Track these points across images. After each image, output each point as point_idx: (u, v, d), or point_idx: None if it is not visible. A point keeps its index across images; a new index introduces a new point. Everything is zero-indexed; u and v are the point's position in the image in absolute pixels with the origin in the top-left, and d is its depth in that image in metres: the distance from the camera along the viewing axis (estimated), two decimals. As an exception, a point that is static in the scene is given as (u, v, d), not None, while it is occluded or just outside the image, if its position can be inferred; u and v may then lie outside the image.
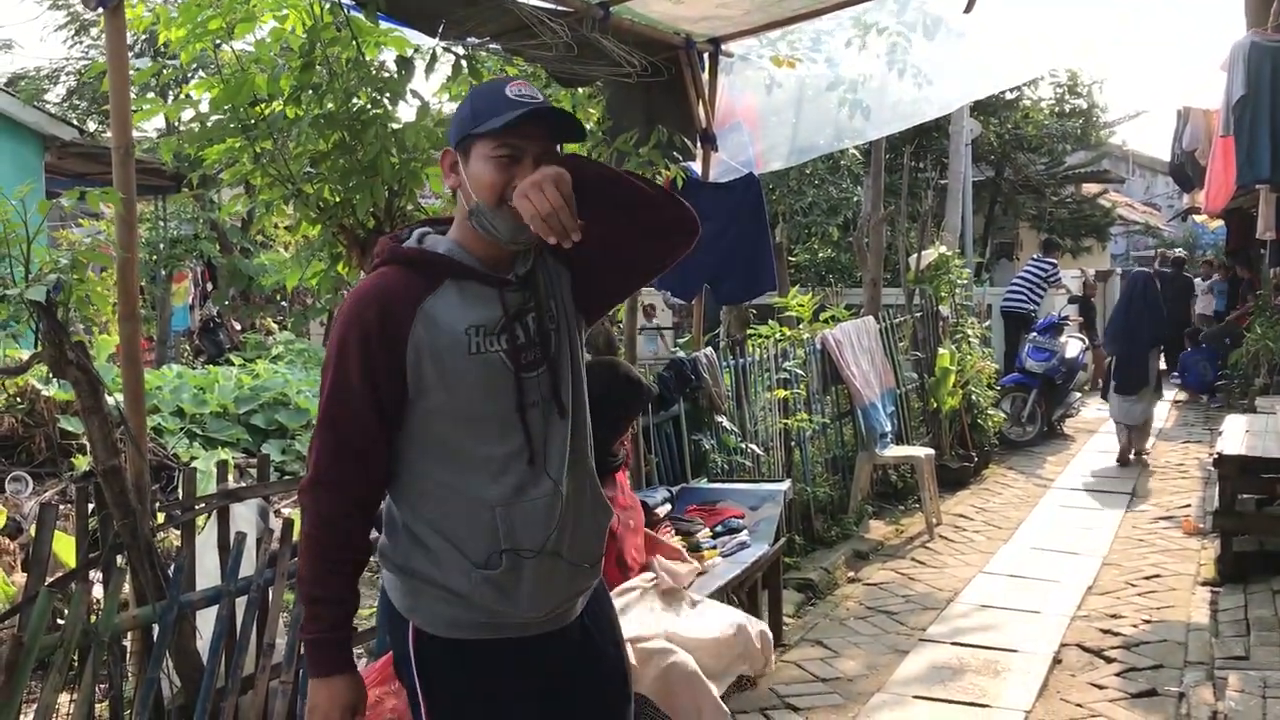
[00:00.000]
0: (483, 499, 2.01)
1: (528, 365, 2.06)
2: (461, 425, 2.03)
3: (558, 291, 2.17)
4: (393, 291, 1.99)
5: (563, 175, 1.92)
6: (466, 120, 2.03)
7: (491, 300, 2.05)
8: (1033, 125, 18.59)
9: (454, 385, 2.00)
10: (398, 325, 1.97)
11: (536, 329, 2.09)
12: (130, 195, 2.69)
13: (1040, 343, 10.98)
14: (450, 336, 1.99)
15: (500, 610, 2.03)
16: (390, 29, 4.13)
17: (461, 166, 2.04)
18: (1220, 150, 8.19)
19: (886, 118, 5.92)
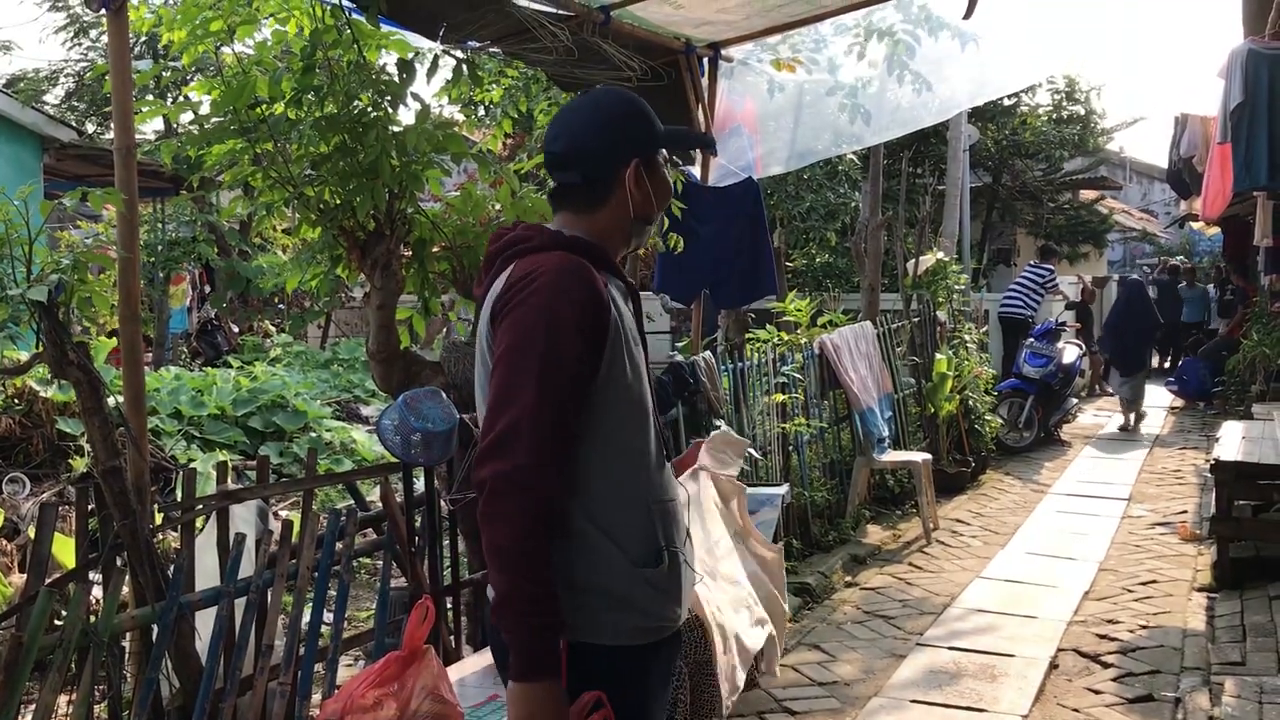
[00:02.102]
0: (638, 495, 1.98)
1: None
2: (628, 415, 1.98)
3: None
4: (593, 275, 1.94)
5: None
6: (652, 128, 2.07)
7: (624, 294, 2.06)
8: (1030, 131, 18.62)
9: (634, 371, 1.98)
10: (603, 306, 1.92)
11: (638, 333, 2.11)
12: (132, 196, 2.70)
13: (1037, 348, 11.01)
14: (628, 323, 2.00)
15: (660, 612, 1.98)
16: (391, 32, 4.14)
17: (645, 175, 2.05)
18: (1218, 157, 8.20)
19: (885, 123, 5.93)
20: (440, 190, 4.28)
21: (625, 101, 2.10)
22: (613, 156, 2.04)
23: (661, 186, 2.10)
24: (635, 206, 2.05)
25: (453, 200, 4.29)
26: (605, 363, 1.91)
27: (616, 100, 2.11)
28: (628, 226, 2.07)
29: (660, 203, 2.09)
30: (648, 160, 2.07)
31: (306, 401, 8.66)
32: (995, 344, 12.47)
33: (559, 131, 2.08)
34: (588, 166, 2.03)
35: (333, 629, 3.39)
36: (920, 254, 9.92)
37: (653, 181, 2.07)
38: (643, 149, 2.06)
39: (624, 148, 2.05)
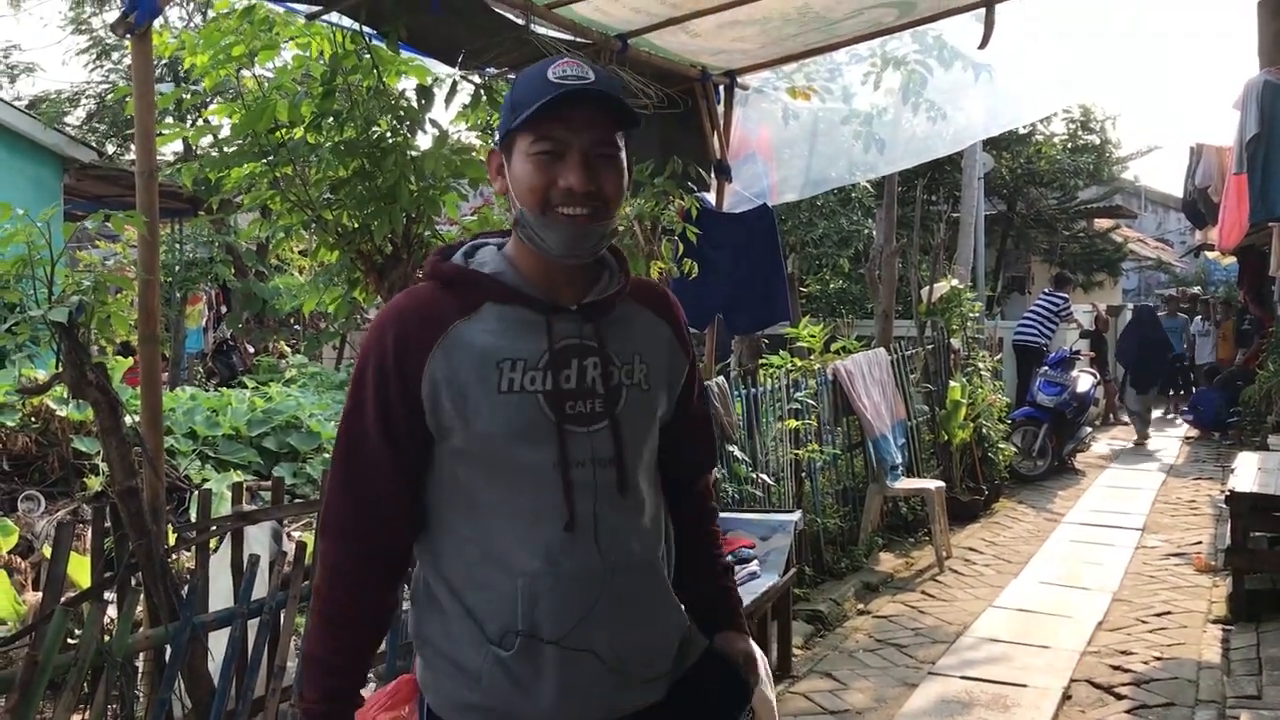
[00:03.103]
0: (508, 563, 1.68)
1: (577, 417, 1.70)
2: (487, 473, 1.69)
3: (646, 344, 1.81)
4: (417, 314, 1.69)
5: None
6: (506, 113, 1.70)
7: (537, 330, 1.70)
8: (1045, 160, 18.64)
9: (477, 426, 1.66)
10: (415, 353, 1.66)
11: (600, 376, 1.72)
12: (153, 218, 2.73)
13: (1052, 377, 10.98)
14: (476, 369, 1.66)
15: (511, 704, 1.68)
16: (410, 58, 4.18)
17: (504, 167, 1.71)
18: (1234, 188, 8.19)
19: (900, 152, 5.95)
20: (457, 214, 4.32)
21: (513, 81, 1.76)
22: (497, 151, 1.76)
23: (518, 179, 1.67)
24: (511, 206, 1.73)
25: (469, 224, 4.32)
26: (431, 418, 1.67)
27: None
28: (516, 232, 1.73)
29: (521, 197, 1.67)
30: (504, 145, 1.72)
31: (321, 423, 8.68)
32: (1009, 372, 12.44)
33: None
34: None
35: (344, 651, 3.40)
36: (934, 281, 9.92)
37: (511, 173, 1.69)
38: (499, 135, 1.75)
39: (498, 137, 1.75)
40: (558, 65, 1.65)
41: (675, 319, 1.89)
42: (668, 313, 1.89)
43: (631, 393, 1.76)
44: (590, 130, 1.66)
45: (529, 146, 1.65)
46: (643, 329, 1.82)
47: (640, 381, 1.77)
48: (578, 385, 1.70)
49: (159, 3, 2.74)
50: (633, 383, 1.76)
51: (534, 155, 1.64)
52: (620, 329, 1.78)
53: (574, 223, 1.66)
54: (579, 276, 1.75)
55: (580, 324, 1.73)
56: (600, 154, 1.66)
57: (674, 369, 1.85)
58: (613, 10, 4.44)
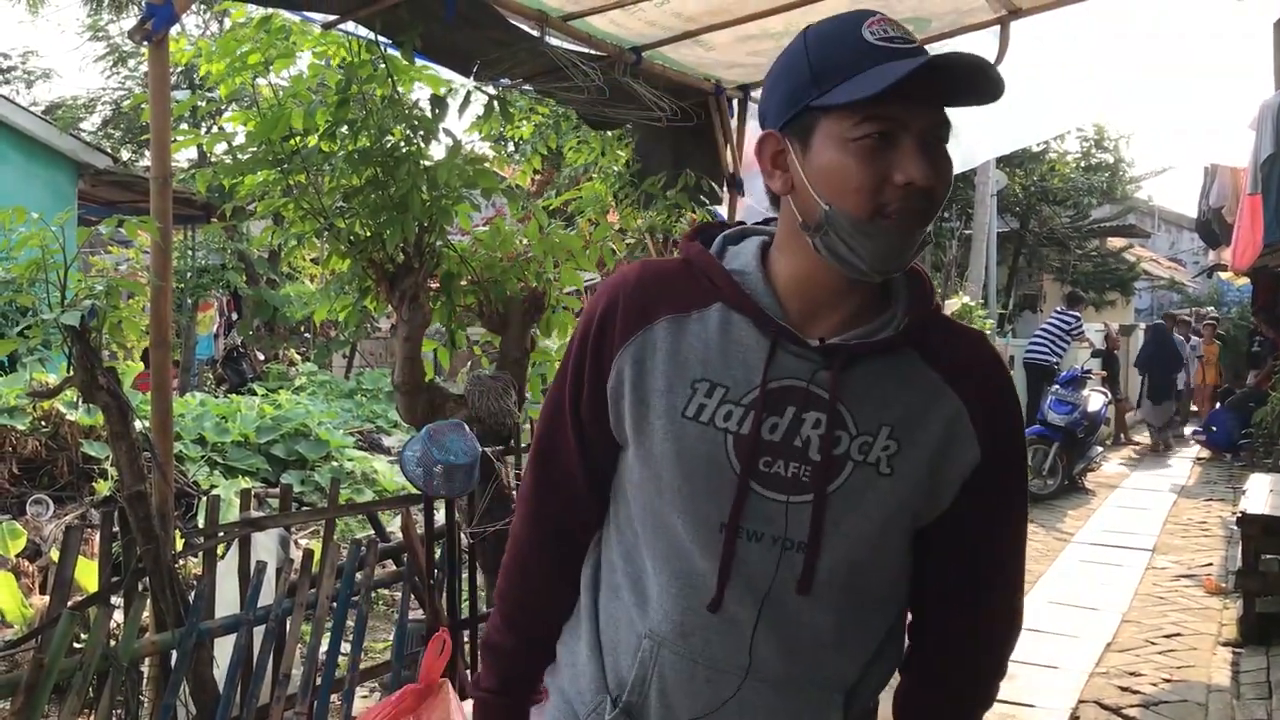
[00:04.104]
0: (645, 607, 1.40)
1: (772, 479, 1.33)
2: (646, 503, 1.40)
3: (909, 415, 1.36)
4: (640, 288, 1.41)
5: None
6: (804, 81, 1.30)
7: (755, 356, 1.35)
8: (1059, 178, 18.65)
9: (647, 449, 1.38)
10: (615, 336, 1.39)
11: (821, 440, 1.33)
12: (167, 224, 2.74)
13: (1062, 395, 10.95)
14: (668, 378, 1.36)
15: None
16: (425, 67, 4.20)
17: (794, 156, 1.33)
18: (1248, 208, 8.18)
19: (913, 169, 5.92)
20: (469, 224, 4.33)
21: (800, 39, 1.36)
22: (761, 124, 1.40)
23: (829, 171, 1.29)
24: (797, 206, 1.34)
25: (481, 235, 4.33)
26: (611, 415, 1.42)
27: (797, 39, 1.37)
28: (798, 237, 1.36)
29: (835, 196, 1.29)
30: (799, 127, 1.32)
31: (329, 431, 8.72)
32: (1020, 390, 12.39)
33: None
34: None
35: (350, 660, 3.39)
36: (946, 298, 9.91)
37: (814, 161, 1.31)
38: (777, 112, 1.35)
39: (767, 112, 1.39)
40: (873, 22, 1.29)
41: (981, 395, 1.39)
42: (973, 384, 1.39)
43: (860, 472, 1.33)
44: (929, 108, 1.29)
45: (850, 129, 1.27)
46: (911, 393, 1.36)
47: (880, 462, 1.33)
48: (783, 440, 1.33)
49: (176, 11, 2.75)
50: (865, 460, 1.33)
51: (859, 141, 1.27)
52: (873, 386, 1.36)
53: (904, 228, 1.29)
54: (852, 302, 1.37)
55: (816, 365, 1.34)
56: (936, 137, 1.31)
57: (948, 460, 1.37)
58: (627, 23, 4.45)
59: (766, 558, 1.34)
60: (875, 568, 1.38)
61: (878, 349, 1.35)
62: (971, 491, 1.39)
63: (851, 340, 1.35)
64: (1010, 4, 4.68)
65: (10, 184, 10.50)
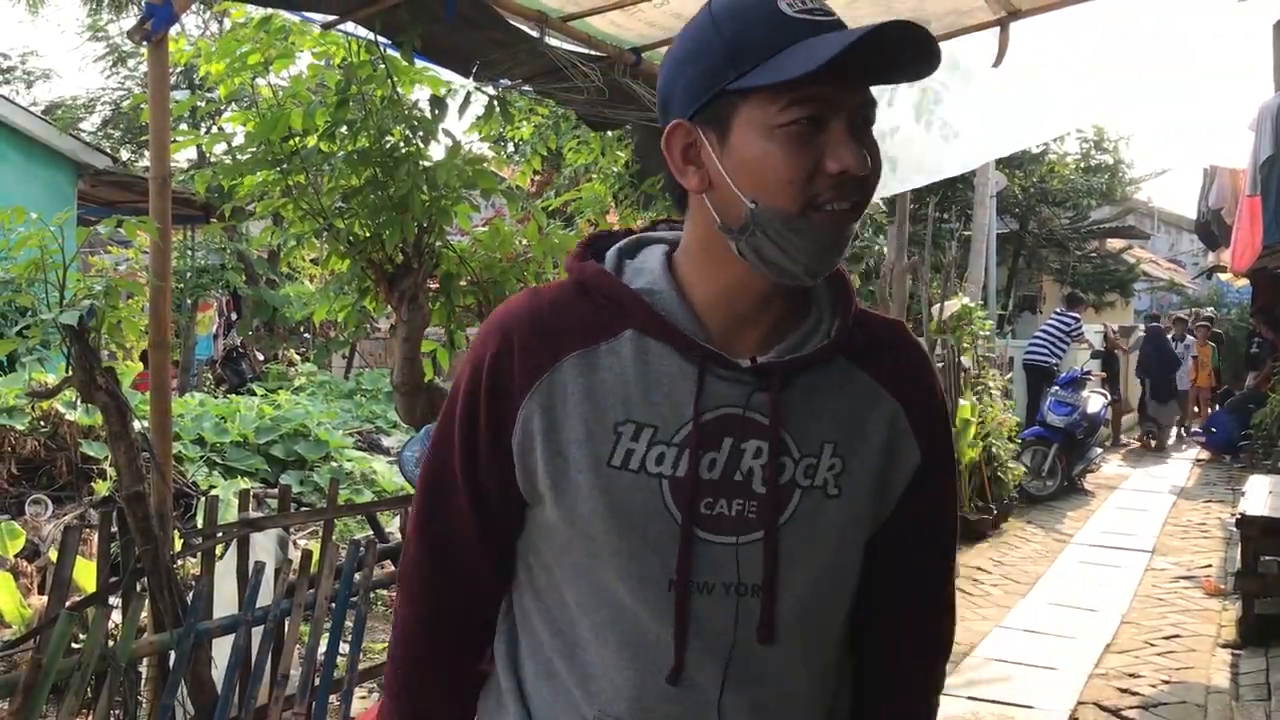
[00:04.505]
0: (576, 695, 1.25)
1: (716, 520, 1.20)
2: (577, 569, 1.24)
3: (848, 427, 1.25)
4: (533, 325, 1.22)
5: None
6: (717, 62, 1.14)
7: (682, 387, 1.19)
8: (1058, 179, 18.66)
9: (569, 507, 1.20)
10: (514, 385, 1.21)
11: (764, 470, 1.20)
12: (166, 225, 2.74)
13: (1062, 397, 10.96)
14: (586, 424, 1.19)
15: None
16: (425, 68, 4.20)
17: (710, 149, 1.16)
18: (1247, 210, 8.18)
19: (911, 171, 5.93)
20: (469, 225, 4.32)
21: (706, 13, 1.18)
22: (662, 117, 1.22)
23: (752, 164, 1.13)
24: (714, 205, 1.18)
25: (480, 235, 4.32)
26: (520, 473, 1.23)
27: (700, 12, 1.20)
28: (719, 239, 1.19)
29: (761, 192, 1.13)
30: (714, 114, 1.15)
31: (329, 431, 8.72)
32: (1020, 391, 12.41)
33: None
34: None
35: (348, 660, 3.39)
36: (945, 299, 9.91)
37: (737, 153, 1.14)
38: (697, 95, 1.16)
39: (670, 99, 1.20)
40: None
41: (912, 390, 1.30)
42: (902, 379, 1.30)
43: (808, 499, 1.22)
44: (859, 87, 1.13)
45: (775, 115, 1.12)
46: (847, 403, 1.26)
47: (827, 484, 1.23)
48: (723, 476, 1.19)
49: (176, 11, 2.75)
50: (813, 484, 1.22)
51: (786, 128, 1.11)
52: (810, 402, 1.23)
53: (837, 223, 1.15)
54: (776, 311, 1.23)
55: (750, 388, 1.20)
56: (864, 118, 1.15)
57: (893, 466, 1.28)
58: (627, 24, 4.45)
59: (723, 610, 1.20)
60: (835, 598, 1.28)
61: (812, 362, 1.22)
62: (913, 495, 1.31)
63: (785, 356, 1.21)
64: (1010, 5, 4.68)
65: (10, 184, 10.50)
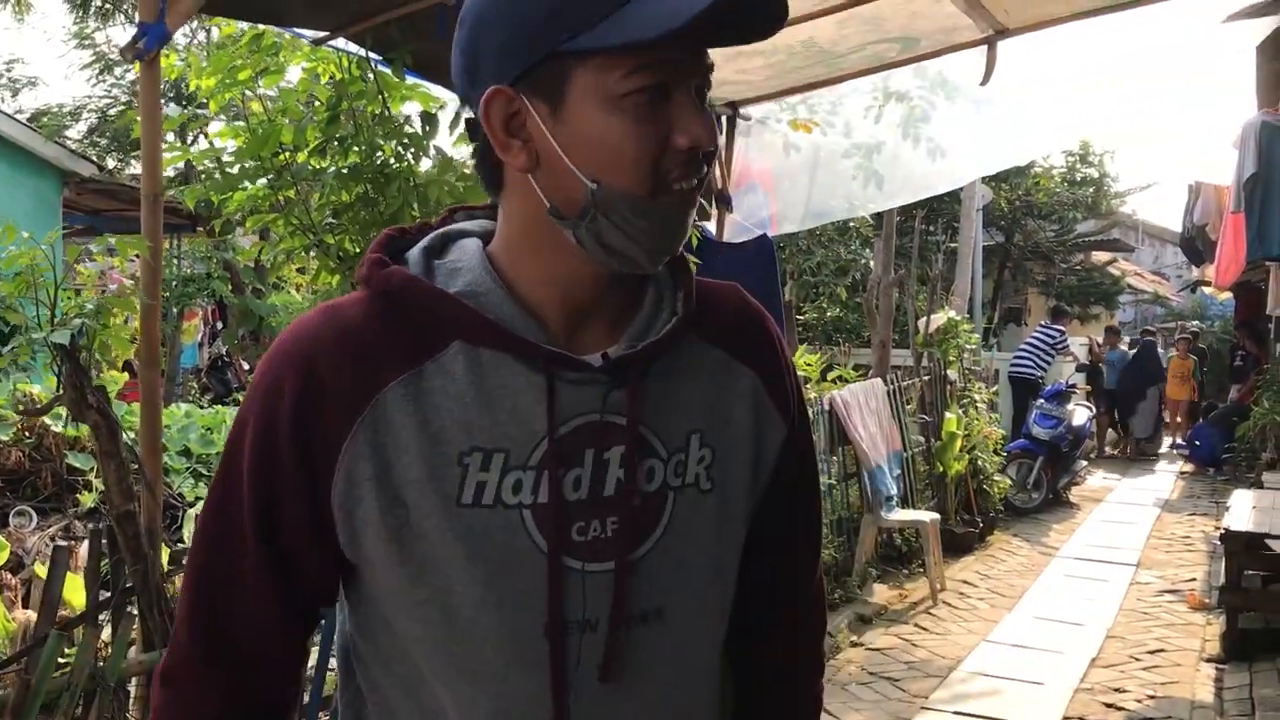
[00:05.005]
0: None
1: (590, 546, 1.05)
2: (428, 628, 1.05)
3: (713, 411, 1.13)
4: (337, 353, 1.02)
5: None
6: (542, 16, 0.96)
7: (530, 398, 1.03)
8: (1044, 193, 18.75)
9: (418, 562, 1.02)
10: (327, 427, 1.01)
11: (625, 476, 1.06)
12: (157, 242, 2.74)
13: (1047, 410, 11.01)
14: (425, 461, 1.02)
15: None
16: (415, 84, 4.20)
17: (538, 120, 1.00)
18: (1231, 226, 8.25)
19: (898, 188, 5.98)
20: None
21: None
22: (470, 85, 1.04)
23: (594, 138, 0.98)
24: (543, 183, 1.02)
25: (471, 251, 4.32)
26: (343, 533, 1.03)
27: None
28: (549, 224, 1.02)
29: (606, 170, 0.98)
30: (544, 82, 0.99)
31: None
32: (1005, 403, 12.47)
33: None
34: (463, 110, 1.02)
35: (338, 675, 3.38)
36: (932, 312, 9.96)
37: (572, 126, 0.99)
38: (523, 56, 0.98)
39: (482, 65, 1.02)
40: None
41: (765, 358, 1.19)
42: (753, 347, 1.19)
43: (682, 499, 1.09)
44: (703, 52, 1.02)
45: (618, 82, 0.97)
46: (707, 386, 1.13)
47: (699, 479, 1.10)
48: (591, 493, 1.05)
49: (169, 30, 2.76)
50: (684, 482, 1.09)
51: (631, 97, 0.97)
52: (669, 392, 1.10)
53: (685, 203, 1.02)
54: (617, 299, 1.09)
55: (604, 388, 1.05)
56: (701, 89, 1.03)
57: (762, 446, 1.17)
58: (618, 41, 4.47)
59: (596, 647, 1.05)
60: (722, 597, 1.15)
61: (663, 346, 1.08)
62: (781, 473, 1.19)
63: (637, 344, 1.07)
64: (997, 24, 4.71)
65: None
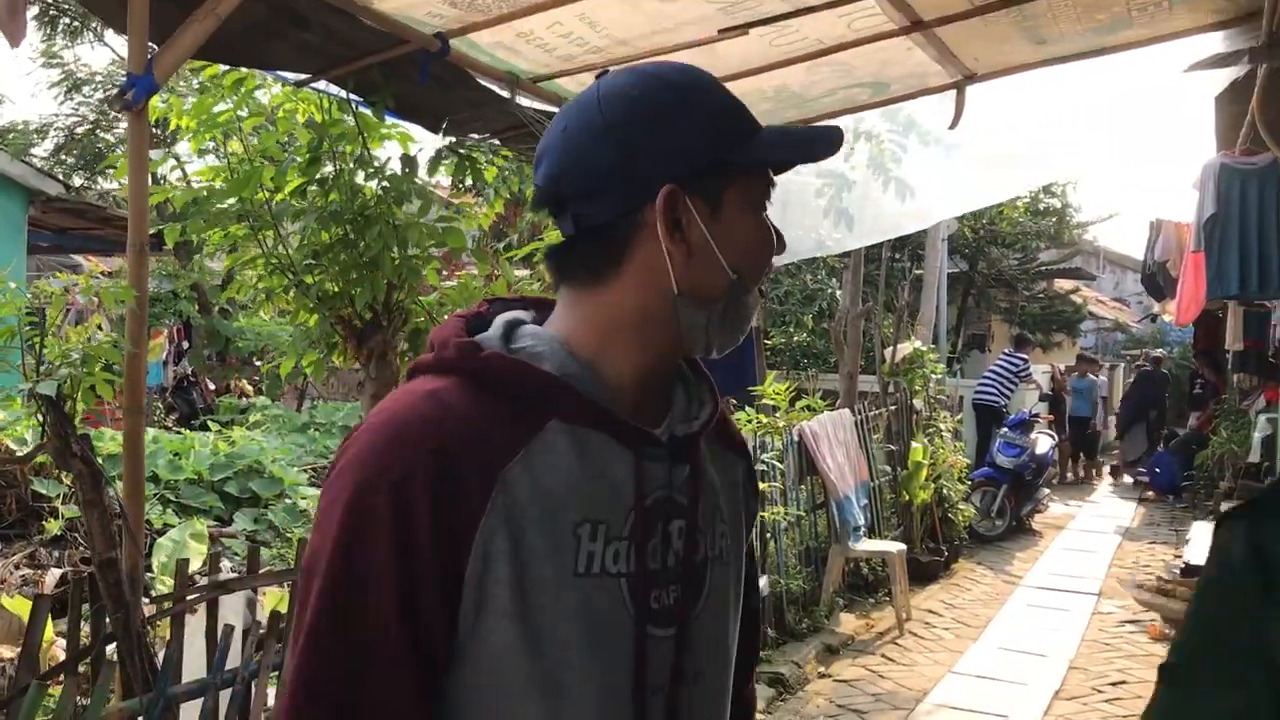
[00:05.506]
0: None
1: (662, 613, 1.13)
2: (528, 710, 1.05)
3: (725, 494, 1.24)
4: (461, 435, 1.03)
5: None
6: (718, 130, 1.10)
7: (620, 473, 1.10)
8: (1007, 222, 18.97)
9: (536, 631, 1.04)
10: (466, 506, 1.02)
11: (684, 549, 1.15)
12: (143, 291, 2.76)
13: (1010, 438, 11.16)
14: (549, 535, 1.05)
15: None
16: (394, 124, 4.25)
17: (698, 219, 1.09)
18: (1192, 265, 8.41)
19: (868, 228, 6.06)
20: (438, 280, 4.37)
21: (658, 84, 1.11)
22: (627, 182, 1.09)
23: (746, 232, 1.12)
24: (679, 272, 1.09)
25: (448, 291, 4.37)
26: (468, 607, 1.03)
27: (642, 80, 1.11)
28: (668, 309, 1.11)
29: (745, 259, 1.12)
30: (705, 185, 1.10)
31: (283, 468, 8.66)
32: (970, 431, 12.61)
33: (544, 147, 1.14)
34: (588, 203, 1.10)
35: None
36: (898, 341, 10.07)
37: (722, 225, 1.10)
38: (691, 165, 1.09)
39: (650, 165, 1.08)
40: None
41: (740, 443, 1.33)
42: (735, 435, 1.33)
43: (717, 570, 1.20)
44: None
45: (754, 194, 1.12)
46: (719, 467, 1.25)
47: (723, 551, 1.21)
48: (663, 563, 1.13)
49: (157, 82, 2.79)
50: (715, 554, 1.20)
51: (756, 205, 1.13)
52: (703, 469, 1.20)
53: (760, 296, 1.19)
54: (668, 384, 1.20)
55: (669, 466, 1.14)
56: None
57: (747, 520, 1.31)
58: (596, 85, 4.54)
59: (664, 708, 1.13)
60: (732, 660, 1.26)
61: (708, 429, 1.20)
62: (749, 548, 1.33)
63: (695, 426, 1.18)
64: (966, 70, 4.82)
65: (-40, 211, 10.37)
